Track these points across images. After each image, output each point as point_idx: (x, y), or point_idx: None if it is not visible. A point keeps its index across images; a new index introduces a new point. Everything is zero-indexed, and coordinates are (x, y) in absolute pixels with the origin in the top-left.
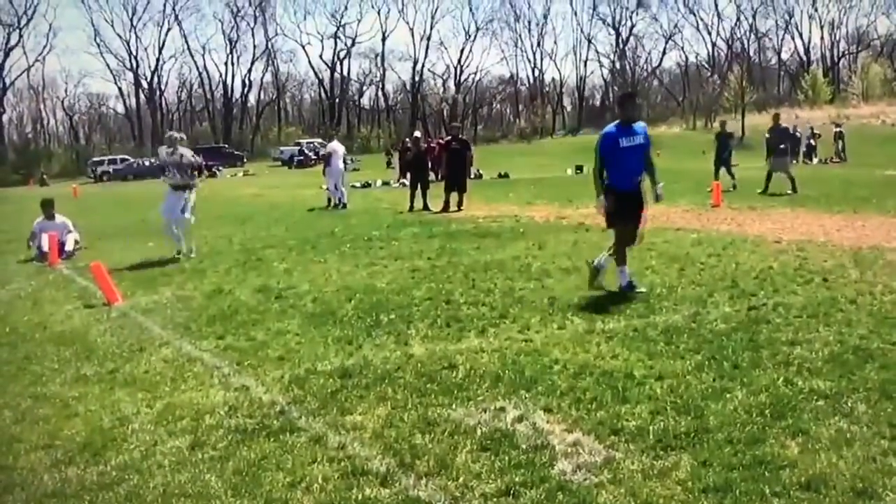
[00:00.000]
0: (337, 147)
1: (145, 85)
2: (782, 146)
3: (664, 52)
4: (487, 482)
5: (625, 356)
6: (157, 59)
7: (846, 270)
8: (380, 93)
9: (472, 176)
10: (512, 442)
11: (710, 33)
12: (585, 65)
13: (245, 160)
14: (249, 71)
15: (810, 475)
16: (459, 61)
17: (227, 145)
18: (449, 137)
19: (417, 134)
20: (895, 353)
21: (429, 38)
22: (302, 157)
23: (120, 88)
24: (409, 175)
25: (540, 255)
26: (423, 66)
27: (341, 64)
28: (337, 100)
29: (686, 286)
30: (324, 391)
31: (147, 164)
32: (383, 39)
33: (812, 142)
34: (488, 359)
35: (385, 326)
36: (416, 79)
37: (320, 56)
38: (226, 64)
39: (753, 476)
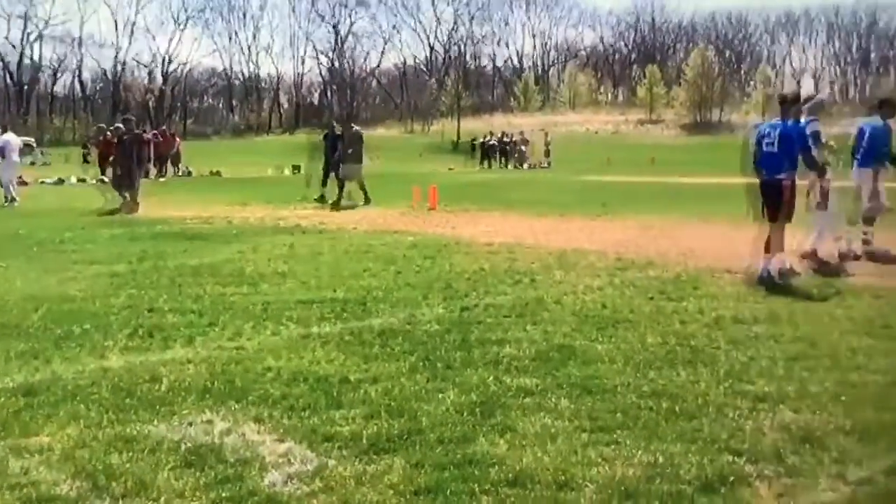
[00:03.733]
0: (11, 139)
1: None
2: (350, 152)
3: (383, 53)
4: (192, 500)
5: (340, 360)
6: None
7: (552, 271)
8: (76, 81)
9: (181, 173)
10: (219, 456)
11: (428, 36)
12: (303, 62)
13: None
14: None
15: (517, 471)
16: (168, 51)
17: None
18: (122, 132)
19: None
20: (595, 349)
21: (133, 25)
22: None
23: None
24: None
25: (254, 258)
26: (126, 53)
27: (31, 47)
28: (25, 86)
29: (402, 288)
30: (4, 412)
31: None
32: (81, 23)
33: (523, 148)
34: (195, 369)
35: (78, 338)
36: (118, 67)
37: (6, 38)
38: None
39: (464, 475)
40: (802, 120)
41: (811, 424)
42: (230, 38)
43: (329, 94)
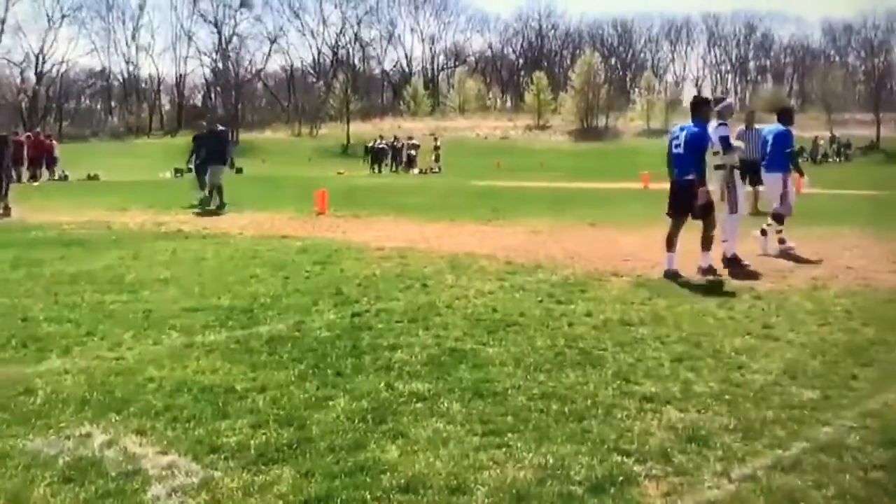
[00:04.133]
0: None
1: None
2: (214, 152)
3: (269, 55)
4: None
5: (226, 369)
6: None
7: (444, 276)
8: None
9: (57, 177)
10: (99, 470)
11: (315, 39)
12: (185, 62)
13: None
14: None
15: (409, 477)
16: (42, 50)
17: None
18: None
19: None
20: (486, 352)
21: (3, 22)
22: None
23: None
24: None
25: (134, 264)
26: None
27: None
28: None
29: (291, 294)
30: None
31: None
32: None
33: (413, 153)
34: (73, 381)
35: None
36: None
37: None
38: None
39: (355, 483)
40: (715, 123)
41: (696, 423)
42: (108, 38)
43: (213, 95)
